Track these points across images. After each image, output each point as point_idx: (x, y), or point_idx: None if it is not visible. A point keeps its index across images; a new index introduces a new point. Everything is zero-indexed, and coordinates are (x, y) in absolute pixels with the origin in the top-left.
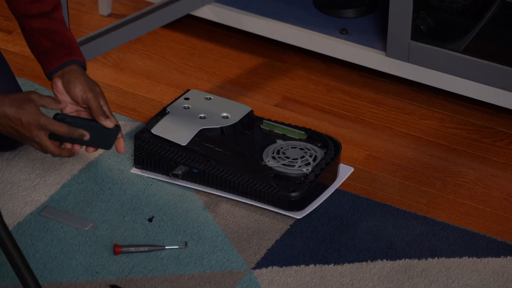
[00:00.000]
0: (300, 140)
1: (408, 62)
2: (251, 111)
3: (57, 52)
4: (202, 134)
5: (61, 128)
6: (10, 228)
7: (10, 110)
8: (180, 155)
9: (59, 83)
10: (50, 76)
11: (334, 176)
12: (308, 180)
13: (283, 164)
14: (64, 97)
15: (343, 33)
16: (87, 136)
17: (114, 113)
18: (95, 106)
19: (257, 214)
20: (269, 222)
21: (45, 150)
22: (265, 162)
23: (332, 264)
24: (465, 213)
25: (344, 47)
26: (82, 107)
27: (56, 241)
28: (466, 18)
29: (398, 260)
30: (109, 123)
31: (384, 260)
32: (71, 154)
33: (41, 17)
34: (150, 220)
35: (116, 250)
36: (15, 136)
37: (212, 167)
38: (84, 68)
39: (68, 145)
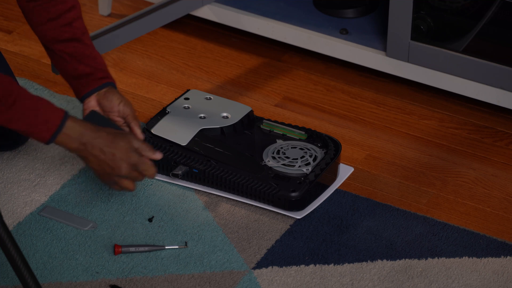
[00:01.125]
0: (300, 140)
1: (408, 62)
2: (251, 111)
3: (93, 76)
4: (202, 134)
5: (150, 172)
6: (10, 228)
7: (104, 143)
8: (180, 155)
9: (92, 101)
10: (84, 98)
11: (334, 176)
12: (308, 180)
13: (283, 164)
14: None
15: (343, 33)
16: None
17: None
18: (131, 117)
19: (257, 214)
20: (269, 222)
21: (143, 176)
22: (265, 162)
23: (332, 264)
24: (465, 213)
25: (344, 47)
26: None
27: (56, 241)
28: (466, 18)
29: (398, 260)
30: (142, 135)
31: (384, 260)
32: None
33: (73, 41)
34: (150, 220)
35: (116, 250)
36: (105, 171)
37: (212, 167)
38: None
39: None
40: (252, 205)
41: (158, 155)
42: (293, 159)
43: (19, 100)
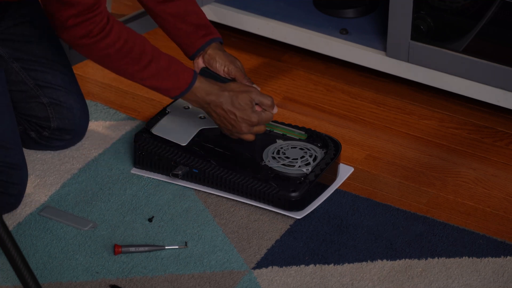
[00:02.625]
0: (300, 140)
1: (408, 62)
2: None
3: (197, 34)
4: (202, 134)
5: (262, 129)
6: (10, 228)
7: (226, 102)
8: (180, 155)
9: (200, 61)
10: (193, 57)
11: (334, 176)
12: (308, 180)
13: (283, 164)
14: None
15: (343, 33)
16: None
17: (114, 113)
18: (239, 75)
19: (257, 214)
20: (269, 222)
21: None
22: (265, 162)
23: (332, 264)
24: (465, 213)
25: (344, 47)
26: None
27: (56, 241)
28: (466, 18)
29: (398, 260)
30: (256, 87)
31: (384, 260)
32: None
33: (174, 1)
34: (150, 220)
35: (116, 250)
36: (227, 129)
37: (212, 167)
38: (221, 43)
39: None
40: (252, 205)
41: (275, 110)
42: (293, 159)
43: (154, 60)
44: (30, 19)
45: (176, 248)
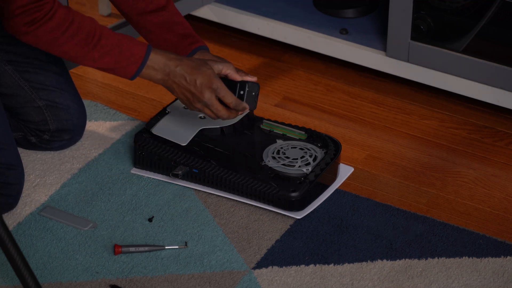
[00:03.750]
0: (300, 140)
1: (408, 62)
2: (251, 111)
3: (183, 43)
4: (202, 134)
5: (229, 98)
6: (10, 228)
7: (187, 70)
8: (180, 155)
9: None
10: None
11: (334, 176)
12: (308, 180)
13: (283, 164)
14: None
15: (343, 33)
16: (247, 110)
17: (114, 113)
18: (231, 70)
19: (257, 214)
20: (269, 222)
21: (215, 114)
22: (265, 162)
23: (332, 264)
24: (465, 213)
25: (344, 47)
26: None
27: (56, 241)
28: (466, 18)
29: (398, 260)
30: (251, 78)
31: (384, 260)
32: (236, 115)
33: (159, 11)
34: (150, 220)
35: (116, 250)
36: (187, 98)
37: (212, 167)
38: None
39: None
40: (252, 205)
41: (238, 76)
42: (293, 159)
43: (103, 38)
44: None
45: (176, 248)
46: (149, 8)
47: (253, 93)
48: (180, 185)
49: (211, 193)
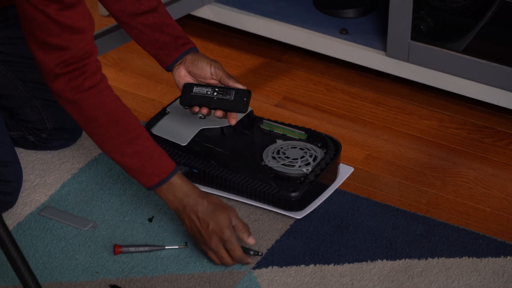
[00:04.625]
0: (300, 140)
1: (408, 62)
2: (251, 111)
3: (176, 43)
4: (202, 134)
5: (236, 253)
6: (10, 228)
7: (204, 212)
8: (180, 155)
9: (181, 69)
10: (171, 67)
11: (334, 176)
12: (308, 180)
13: (283, 164)
14: (186, 80)
15: (343, 33)
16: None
17: None
18: (224, 75)
19: (257, 214)
20: (269, 222)
21: (219, 260)
22: (265, 162)
23: (332, 264)
24: (465, 213)
25: (344, 47)
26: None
27: (56, 241)
28: (466, 18)
29: (398, 260)
30: (241, 86)
31: (384, 260)
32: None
33: (151, 13)
34: (150, 220)
35: (116, 250)
36: (195, 236)
37: (212, 167)
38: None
39: (204, 110)
40: (252, 205)
41: (251, 240)
42: (293, 159)
43: (142, 138)
44: (14, 22)
45: (176, 248)
46: (140, 10)
47: (245, 99)
48: None
49: (211, 193)
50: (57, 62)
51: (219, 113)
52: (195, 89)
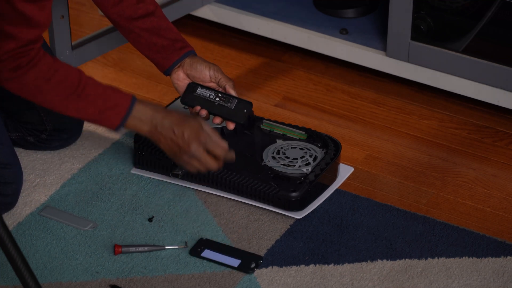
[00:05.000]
0: (300, 140)
1: (408, 62)
2: (251, 112)
3: (173, 47)
4: None
5: (218, 150)
6: (10, 228)
7: (175, 123)
8: None
9: (180, 72)
10: (169, 71)
11: (334, 176)
12: (308, 180)
13: (283, 164)
14: (185, 83)
15: (343, 33)
16: (233, 159)
17: None
18: (224, 78)
19: (257, 214)
20: (269, 222)
21: (205, 166)
22: (265, 162)
23: (332, 264)
24: (465, 213)
25: (344, 47)
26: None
27: (56, 241)
28: (466, 18)
29: (398, 260)
30: (234, 92)
31: (384, 260)
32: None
33: (148, 17)
34: (150, 220)
35: (116, 250)
36: (173, 151)
37: None
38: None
39: (203, 112)
40: (252, 205)
41: (231, 126)
42: (293, 159)
43: (88, 88)
44: None
45: (176, 248)
46: (137, 14)
47: (245, 110)
48: (180, 185)
49: (211, 193)
50: (6, 49)
51: (217, 120)
52: (199, 91)
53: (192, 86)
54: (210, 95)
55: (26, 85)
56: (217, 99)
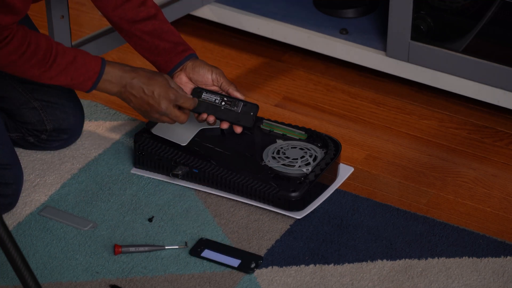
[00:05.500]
0: (300, 140)
1: (408, 62)
2: None
3: (175, 50)
4: (202, 134)
5: (187, 103)
6: (10, 228)
7: (144, 81)
8: (180, 155)
9: (182, 76)
10: (171, 74)
11: (334, 176)
12: (308, 180)
13: (283, 164)
14: (187, 87)
15: (343, 33)
16: (211, 120)
17: (114, 113)
18: (225, 81)
19: (257, 214)
20: (269, 222)
21: (175, 120)
22: (265, 162)
23: (332, 264)
24: (465, 213)
25: (344, 47)
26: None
27: (56, 241)
28: (466, 18)
29: (398, 260)
30: (240, 95)
31: (384, 260)
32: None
33: (150, 20)
34: (150, 220)
35: (116, 250)
36: (144, 110)
37: (212, 167)
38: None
39: (211, 118)
40: (252, 205)
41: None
42: (293, 159)
43: (59, 56)
44: None
45: (176, 248)
46: (139, 17)
47: (251, 113)
48: (180, 185)
49: (211, 193)
50: None
51: (225, 125)
52: (204, 95)
53: (197, 91)
54: (215, 99)
55: (1, 61)
56: (223, 103)
